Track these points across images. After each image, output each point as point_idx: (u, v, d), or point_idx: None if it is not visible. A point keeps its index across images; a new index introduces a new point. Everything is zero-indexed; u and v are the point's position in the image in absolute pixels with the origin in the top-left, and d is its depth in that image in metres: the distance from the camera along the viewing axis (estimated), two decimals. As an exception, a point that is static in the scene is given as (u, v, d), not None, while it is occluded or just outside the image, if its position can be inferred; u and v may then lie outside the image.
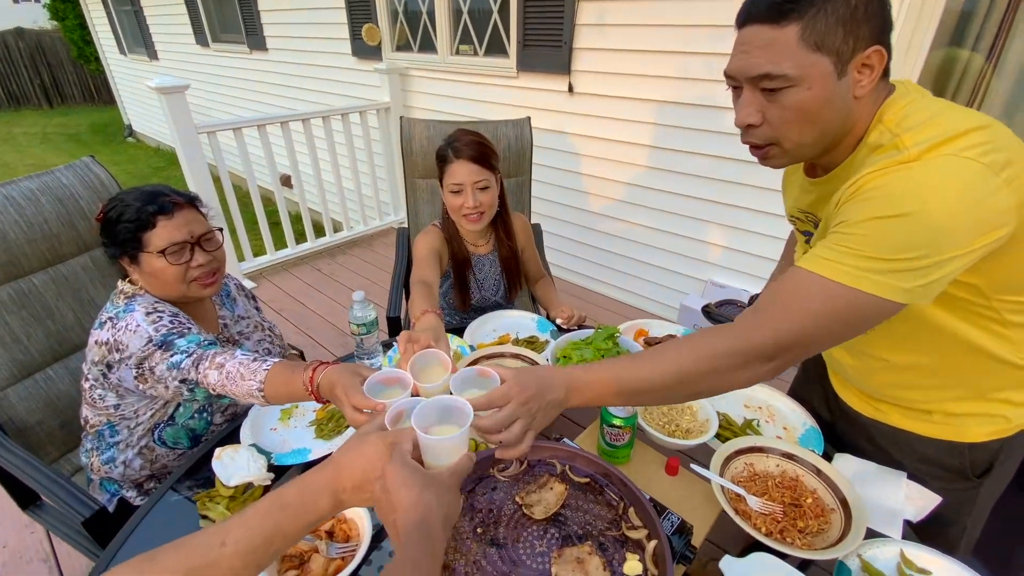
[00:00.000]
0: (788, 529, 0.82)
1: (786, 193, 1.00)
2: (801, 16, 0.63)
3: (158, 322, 0.99)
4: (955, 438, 0.88)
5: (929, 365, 0.84)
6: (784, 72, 0.66)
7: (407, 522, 0.49)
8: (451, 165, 1.35)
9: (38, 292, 1.27)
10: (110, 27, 7.74)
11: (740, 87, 0.72)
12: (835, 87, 0.67)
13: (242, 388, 0.89)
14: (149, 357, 0.96)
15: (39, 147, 8.84)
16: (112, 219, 1.02)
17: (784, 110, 0.69)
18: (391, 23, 3.47)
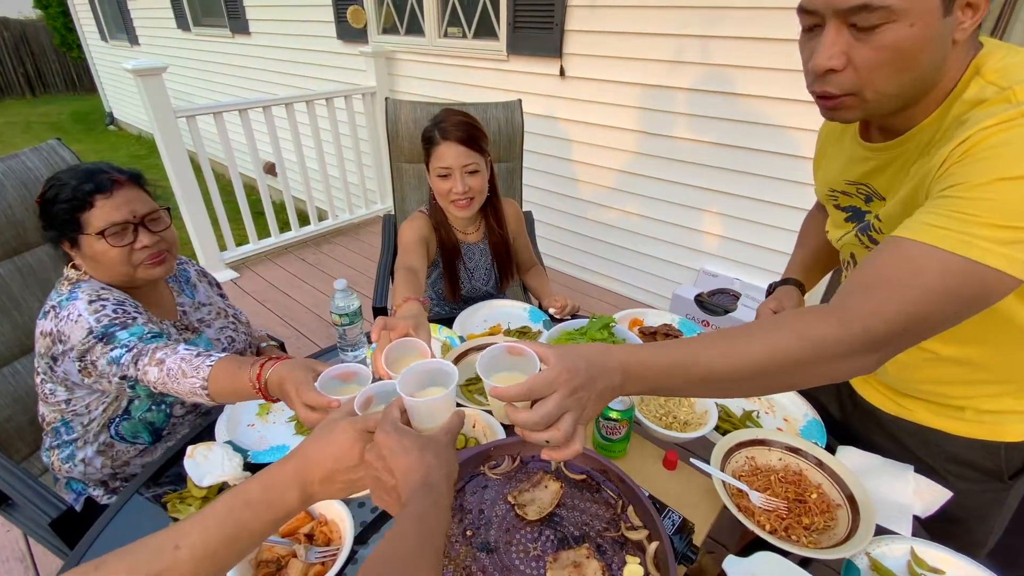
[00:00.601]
0: (793, 526, 0.79)
1: (825, 163, 0.89)
2: None
3: (100, 311, 0.92)
4: (991, 437, 0.83)
5: (979, 359, 0.77)
6: (887, 3, 0.56)
7: (410, 484, 0.49)
8: (438, 147, 1.28)
9: (3, 282, 1.20)
10: (92, 13, 7.51)
11: (819, 25, 0.61)
12: (938, 26, 0.57)
13: (184, 386, 0.84)
14: (90, 350, 0.89)
15: (21, 136, 8.59)
16: (49, 199, 0.95)
17: (878, 51, 0.58)
18: (377, 5, 3.37)
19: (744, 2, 1.93)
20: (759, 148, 2.11)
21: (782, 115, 2.00)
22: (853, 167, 0.79)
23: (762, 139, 2.08)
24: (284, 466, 0.52)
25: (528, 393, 0.52)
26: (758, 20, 1.92)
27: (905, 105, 0.65)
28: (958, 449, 0.86)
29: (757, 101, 2.05)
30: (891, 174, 0.73)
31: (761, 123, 2.07)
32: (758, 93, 2.03)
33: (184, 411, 1.11)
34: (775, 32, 1.90)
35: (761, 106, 2.04)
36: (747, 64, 2.01)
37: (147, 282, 1.03)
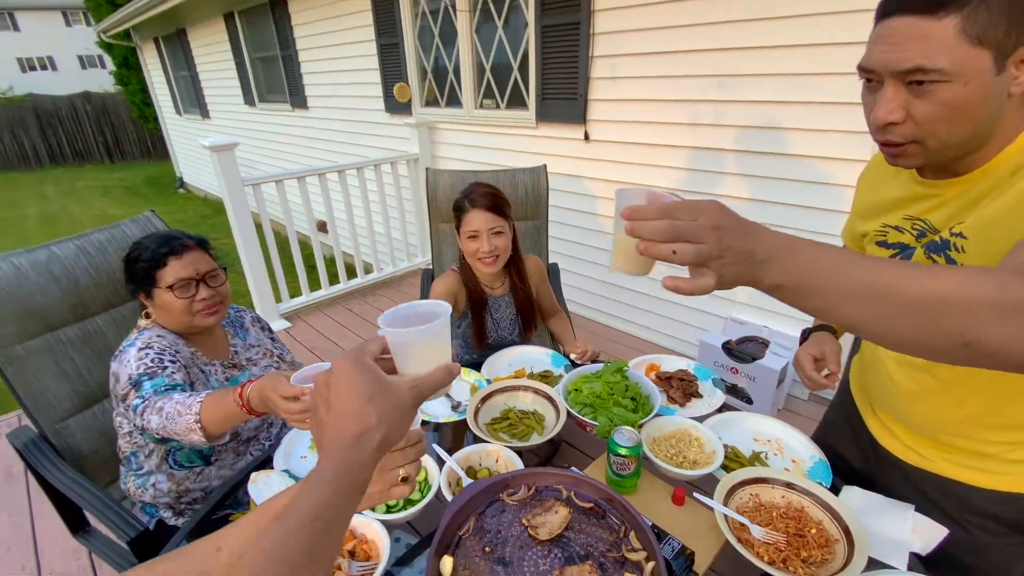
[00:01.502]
0: (791, 559, 0.84)
1: (876, 203, 0.89)
2: (961, 8, 0.58)
3: (143, 359, 1.09)
4: (1012, 488, 0.83)
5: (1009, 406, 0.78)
6: (940, 66, 0.60)
7: (338, 431, 0.43)
8: (468, 214, 1.47)
9: (101, 331, 1.42)
10: (168, 90, 8.49)
11: (878, 82, 0.67)
12: (992, 83, 0.61)
13: (180, 425, 0.96)
14: (128, 395, 1.06)
15: (100, 199, 9.60)
16: (132, 259, 1.17)
17: (934, 107, 0.63)
18: (420, 81, 3.75)
19: (753, 70, 2.09)
20: (780, 201, 2.20)
21: (793, 173, 2.11)
22: (912, 203, 0.81)
23: (780, 194, 2.18)
24: None
25: (665, 212, 0.50)
26: (768, 85, 2.07)
27: (967, 152, 0.69)
28: (981, 501, 0.86)
29: (771, 158, 2.17)
30: (956, 208, 0.74)
31: (774, 177, 2.17)
32: (772, 151, 2.15)
33: (228, 440, 1.26)
34: (784, 96, 2.04)
35: (773, 163, 2.16)
36: (758, 125, 2.15)
37: (203, 328, 1.22)
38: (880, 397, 0.99)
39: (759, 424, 1.19)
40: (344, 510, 0.42)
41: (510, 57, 3.04)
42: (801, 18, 1.92)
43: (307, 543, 0.38)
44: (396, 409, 0.45)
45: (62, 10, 24.95)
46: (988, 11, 0.58)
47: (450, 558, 0.75)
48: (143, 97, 10.16)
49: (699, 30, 2.19)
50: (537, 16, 2.74)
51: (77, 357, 1.37)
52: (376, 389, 0.44)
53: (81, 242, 1.40)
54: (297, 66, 4.86)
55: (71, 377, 1.36)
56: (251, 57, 5.69)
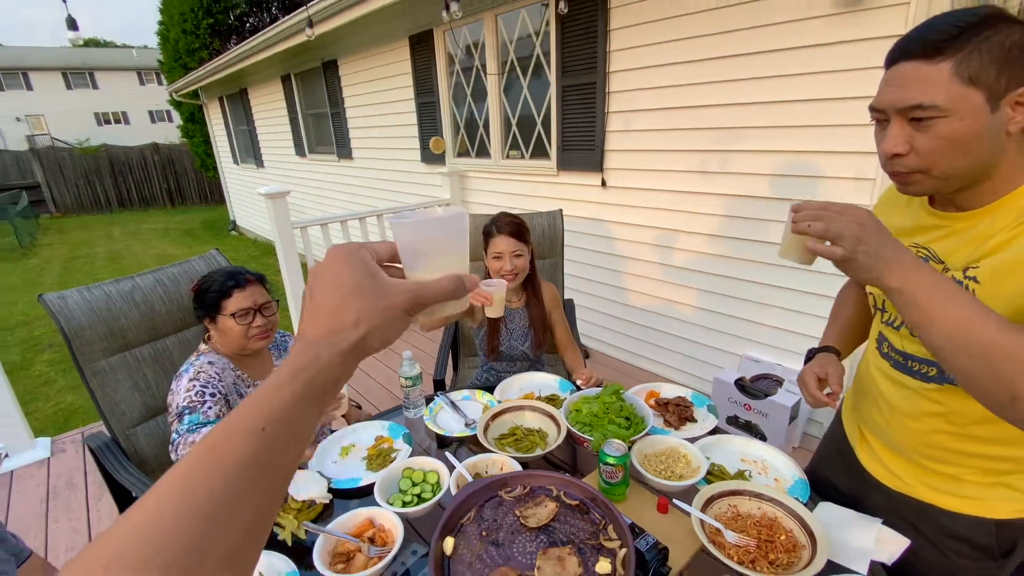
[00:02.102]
0: (759, 560, 0.93)
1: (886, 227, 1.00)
2: (956, 53, 0.67)
3: (191, 390, 1.30)
4: (982, 513, 0.88)
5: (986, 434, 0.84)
6: (936, 103, 0.68)
7: (310, 327, 0.37)
8: (494, 238, 1.71)
9: (169, 351, 1.65)
10: (228, 142, 9.30)
11: (886, 120, 0.76)
12: (987, 120, 0.69)
13: None
14: (173, 422, 1.28)
15: (160, 240, 10.40)
16: (203, 290, 1.39)
17: (934, 140, 0.71)
18: (453, 134, 4.08)
19: (758, 122, 2.26)
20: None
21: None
22: (920, 233, 0.87)
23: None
24: None
25: (824, 206, 0.70)
26: (771, 136, 2.23)
27: (971, 183, 0.75)
28: (956, 526, 0.91)
29: (774, 203, 2.29)
30: (961, 243, 0.79)
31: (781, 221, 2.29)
32: (774, 196, 2.28)
33: None
34: (787, 145, 2.19)
35: (778, 207, 2.29)
36: (763, 172, 2.30)
37: (255, 351, 1.43)
38: (870, 416, 1.05)
39: (746, 446, 1.28)
40: (302, 415, 0.34)
41: (534, 112, 3.32)
42: (789, 77, 2.09)
43: (254, 451, 0.32)
44: (383, 311, 0.38)
45: (137, 71, 27.77)
46: (980, 57, 0.67)
47: (451, 539, 0.88)
48: (205, 148, 11.13)
49: (702, 88, 2.39)
50: (559, 77, 3.02)
51: (148, 372, 1.59)
52: (363, 285, 0.38)
53: (158, 275, 1.65)
54: (345, 121, 5.34)
55: (142, 390, 1.58)
56: (303, 113, 6.27)
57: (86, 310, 1.48)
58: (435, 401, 1.51)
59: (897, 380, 0.95)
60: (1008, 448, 0.84)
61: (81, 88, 26.67)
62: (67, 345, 1.46)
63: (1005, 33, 0.67)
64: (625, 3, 2.61)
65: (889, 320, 0.94)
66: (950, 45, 0.68)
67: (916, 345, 0.89)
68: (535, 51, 3.18)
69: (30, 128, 25.19)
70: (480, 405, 1.48)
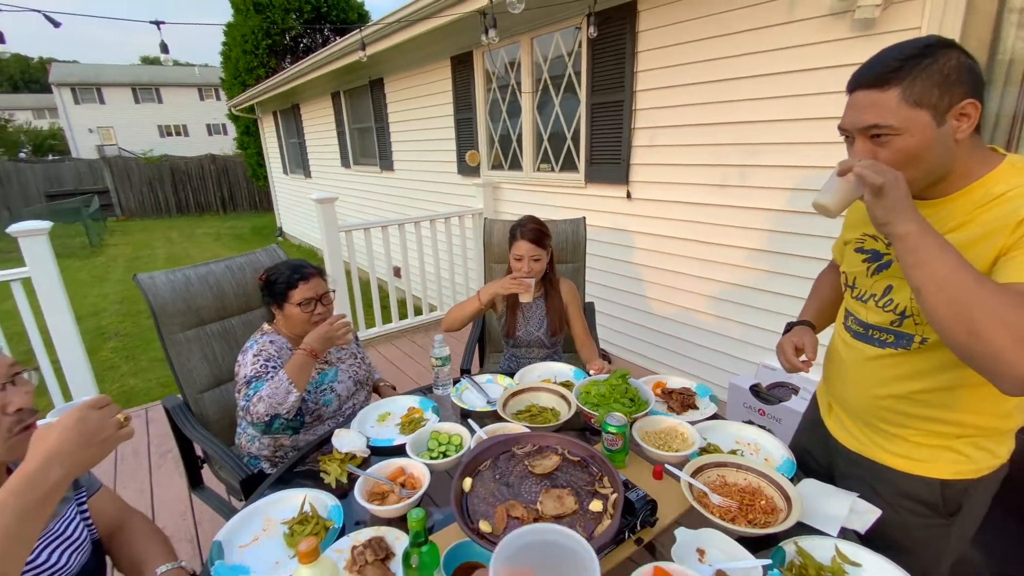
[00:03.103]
0: (739, 518, 1.05)
1: (859, 217, 1.10)
2: (900, 82, 0.80)
3: (256, 363, 1.49)
4: (929, 474, 1.00)
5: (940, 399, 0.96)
6: (889, 123, 0.81)
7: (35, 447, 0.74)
8: (517, 241, 1.88)
9: (234, 329, 1.89)
10: (279, 154, 9.89)
11: (851, 138, 0.89)
12: (935, 133, 0.81)
13: (280, 393, 1.41)
14: (241, 390, 1.47)
15: (213, 243, 11.08)
16: (272, 280, 1.60)
17: (893, 153, 0.83)
18: (488, 148, 4.31)
19: (775, 139, 2.38)
20: (798, 254, 2.40)
21: (815, 227, 2.31)
22: None
23: (804, 248, 2.38)
24: None
25: (877, 165, 0.80)
26: (787, 152, 2.34)
27: (931, 184, 0.88)
28: (907, 486, 1.03)
29: (790, 215, 2.39)
30: None
31: (794, 232, 2.39)
32: (791, 209, 2.38)
33: (311, 419, 1.62)
34: (802, 161, 2.30)
35: (794, 220, 2.38)
36: (780, 186, 2.40)
37: None
38: (836, 388, 1.18)
39: (741, 430, 1.40)
40: None
41: (564, 128, 3.52)
42: (804, 97, 2.21)
43: None
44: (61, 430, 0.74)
45: (198, 87, 29.67)
46: (923, 83, 0.79)
47: (470, 479, 1.05)
48: (258, 159, 11.84)
49: (722, 106, 2.53)
50: (588, 95, 3.20)
51: (216, 347, 1.83)
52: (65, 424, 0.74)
53: (228, 263, 1.90)
54: (388, 135, 5.67)
55: (210, 361, 1.81)
56: (350, 127, 6.67)
57: (169, 289, 1.73)
58: (461, 382, 1.68)
59: (857, 348, 1.08)
60: (951, 413, 0.96)
61: (147, 102, 28.70)
62: (153, 318, 1.71)
63: (943, 59, 0.80)
64: (652, 27, 2.78)
65: (859, 295, 1.07)
66: (895, 75, 0.81)
67: (878, 315, 1.02)
68: (567, 71, 3.39)
69: (100, 139, 27.19)
70: (501, 387, 1.65)
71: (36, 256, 2.57)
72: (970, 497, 1.01)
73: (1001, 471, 1.01)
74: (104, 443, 0.78)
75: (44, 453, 0.72)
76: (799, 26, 2.20)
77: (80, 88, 27.01)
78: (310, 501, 1.14)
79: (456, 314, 1.91)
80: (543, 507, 0.97)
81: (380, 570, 0.96)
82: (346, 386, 1.67)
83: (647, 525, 1.03)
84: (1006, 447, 1.00)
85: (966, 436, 0.98)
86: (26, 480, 0.70)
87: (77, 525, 0.96)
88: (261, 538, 1.08)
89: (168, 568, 0.97)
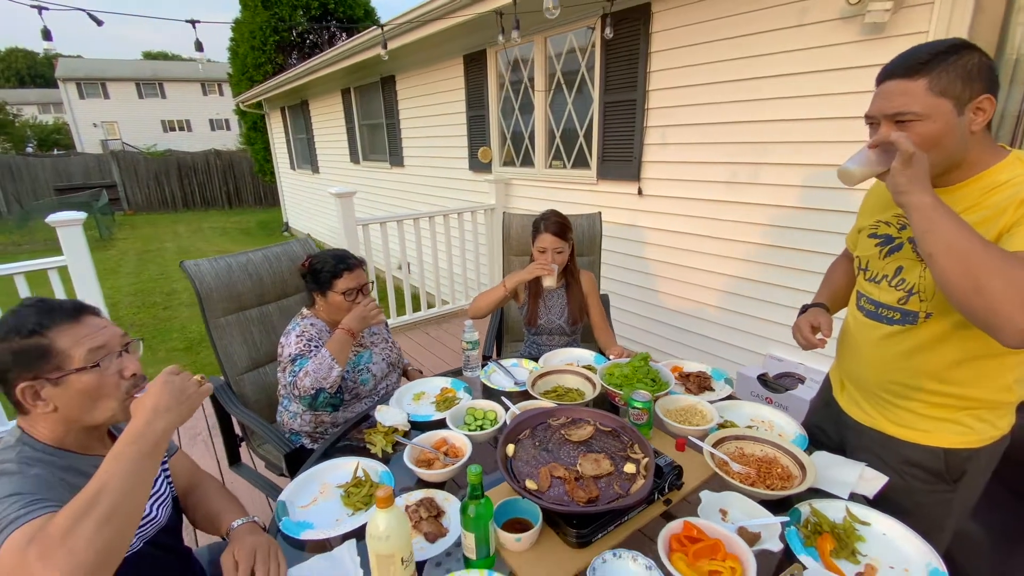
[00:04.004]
0: (757, 483, 1.15)
1: (879, 205, 1.19)
2: (929, 73, 0.90)
3: (299, 343, 1.60)
4: (933, 443, 1.09)
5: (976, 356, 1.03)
6: (914, 110, 0.91)
7: None
8: (541, 234, 1.97)
9: (271, 315, 1.99)
10: (286, 149, 9.97)
11: (877, 125, 0.98)
12: (955, 122, 0.91)
13: (324, 368, 1.52)
14: (286, 368, 1.57)
15: (220, 238, 11.16)
16: (316, 269, 1.69)
17: (915, 137, 0.91)
18: (500, 145, 4.40)
19: (783, 137, 2.47)
20: (806, 248, 2.50)
21: (823, 223, 2.41)
22: None
23: (811, 243, 2.48)
24: None
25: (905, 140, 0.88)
26: (795, 150, 2.43)
27: (945, 171, 0.97)
28: (912, 454, 1.12)
29: (798, 211, 2.49)
30: None
31: (799, 228, 2.48)
32: (800, 205, 2.48)
33: (350, 396, 1.72)
34: (810, 159, 2.39)
35: (802, 216, 2.48)
36: (788, 183, 2.50)
37: None
38: (848, 365, 1.28)
39: (756, 409, 1.50)
40: None
41: (577, 126, 3.61)
42: (813, 98, 2.30)
43: None
44: None
45: (200, 82, 29.71)
46: (948, 75, 0.89)
47: (512, 445, 1.15)
48: (265, 155, 11.93)
49: (732, 106, 2.62)
50: (601, 94, 3.30)
51: (255, 331, 1.93)
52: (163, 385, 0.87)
53: (266, 252, 2.00)
54: (399, 132, 5.76)
55: (250, 344, 1.91)
56: (360, 124, 6.76)
57: (213, 275, 1.83)
58: (489, 365, 1.78)
59: (868, 325, 1.17)
60: (954, 387, 1.06)
61: (151, 97, 28.76)
62: (198, 302, 1.81)
63: (967, 58, 0.91)
64: (666, 28, 2.87)
65: (872, 276, 1.17)
66: (925, 67, 0.91)
67: (889, 294, 1.12)
68: (580, 70, 3.48)
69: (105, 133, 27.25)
70: (526, 371, 1.75)
71: (72, 245, 2.67)
72: (971, 465, 1.10)
73: (1002, 443, 1.11)
74: (191, 398, 0.89)
75: (147, 411, 0.83)
76: (810, 29, 2.29)
77: (85, 83, 27.08)
78: (363, 467, 1.24)
79: (482, 302, 2.00)
80: (582, 468, 1.07)
81: (434, 525, 1.06)
82: (380, 367, 1.77)
83: (674, 488, 1.14)
84: (1007, 420, 1.10)
85: (968, 408, 1.08)
86: (138, 432, 0.80)
87: (162, 482, 1.06)
88: (319, 500, 1.18)
89: (242, 522, 1.07)
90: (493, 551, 0.97)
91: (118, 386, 0.92)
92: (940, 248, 0.87)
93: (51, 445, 0.91)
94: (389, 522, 0.85)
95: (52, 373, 0.86)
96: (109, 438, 1.03)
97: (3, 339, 0.84)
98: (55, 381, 0.87)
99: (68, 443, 0.93)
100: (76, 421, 0.91)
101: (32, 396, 0.87)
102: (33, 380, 0.86)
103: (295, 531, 1.07)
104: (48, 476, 0.86)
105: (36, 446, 0.89)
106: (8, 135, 24.42)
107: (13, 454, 0.86)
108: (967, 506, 1.18)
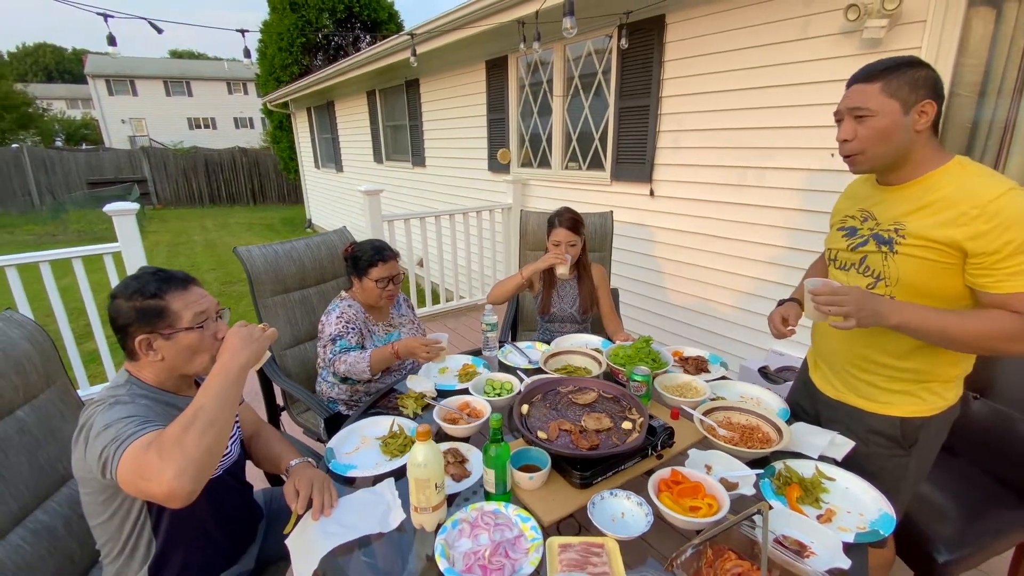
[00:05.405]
0: (739, 444, 1.33)
1: (848, 202, 1.35)
2: (883, 78, 1.09)
3: (338, 324, 1.80)
4: (890, 413, 1.26)
5: (908, 362, 1.22)
6: (868, 107, 1.10)
7: None
8: (555, 229, 2.14)
9: (310, 298, 2.21)
10: (311, 148, 10.29)
11: (841, 120, 1.17)
12: (901, 120, 1.09)
13: (357, 369, 1.70)
14: (327, 345, 1.78)
15: (245, 233, 11.54)
16: (357, 256, 1.90)
17: (868, 130, 1.11)
18: (519, 146, 4.60)
19: (788, 143, 2.62)
20: (810, 249, 2.65)
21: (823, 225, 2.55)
22: (867, 199, 1.27)
23: (813, 244, 2.63)
24: None
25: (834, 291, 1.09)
26: (799, 156, 2.58)
27: (896, 166, 1.15)
28: (873, 423, 1.29)
29: (800, 213, 2.64)
30: (891, 205, 1.18)
31: (805, 230, 2.63)
32: (801, 208, 2.63)
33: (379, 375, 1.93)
34: (812, 164, 2.54)
35: (803, 218, 2.63)
36: (793, 187, 2.65)
37: (381, 307, 1.94)
38: (820, 346, 1.45)
39: (745, 388, 1.67)
40: None
41: (592, 129, 3.79)
42: (815, 107, 2.45)
43: None
44: None
45: (226, 81, 30.46)
46: (898, 82, 1.08)
47: (527, 405, 1.34)
48: (290, 153, 12.30)
49: (741, 113, 2.78)
50: (616, 99, 3.47)
51: (297, 312, 2.15)
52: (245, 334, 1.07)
53: (308, 241, 2.22)
54: (421, 133, 6.00)
55: (292, 324, 2.14)
56: (384, 125, 7.02)
57: (262, 260, 2.06)
58: (505, 346, 1.97)
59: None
60: (910, 363, 1.22)
61: (178, 95, 29.58)
62: (249, 284, 2.04)
63: (916, 71, 1.10)
64: (679, 39, 3.04)
65: (841, 265, 1.33)
66: (881, 74, 1.11)
67: (857, 280, 1.27)
68: (597, 75, 3.66)
69: (132, 129, 28.11)
70: (540, 352, 1.94)
71: (126, 232, 2.93)
72: (923, 432, 1.26)
73: (950, 412, 1.27)
74: (258, 340, 1.07)
75: (226, 352, 1.02)
76: (812, 43, 2.44)
77: (114, 80, 27.94)
78: (398, 423, 1.44)
79: (499, 289, 2.20)
80: (585, 423, 1.26)
81: (459, 468, 1.25)
82: (408, 345, 1.97)
83: (666, 446, 1.31)
84: (954, 392, 1.26)
85: (921, 382, 1.24)
86: (223, 368, 1.00)
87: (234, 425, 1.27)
88: (361, 448, 1.39)
89: (298, 462, 1.28)
90: (509, 488, 1.16)
91: (213, 344, 1.13)
92: (933, 340, 1.12)
93: (154, 386, 1.12)
94: (427, 453, 1.04)
95: (165, 329, 1.08)
96: (195, 386, 1.24)
97: (129, 298, 1.06)
98: (167, 336, 1.08)
99: (167, 386, 1.14)
100: (176, 369, 1.13)
101: (146, 346, 1.08)
102: (149, 334, 1.07)
103: (343, 470, 1.28)
104: (153, 406, 1.07)
105: (142, 386, 1.11)
106: (38, 128, 25.32)
107: (124, 390, 1.08)
108: (923, 468, 1.33)
